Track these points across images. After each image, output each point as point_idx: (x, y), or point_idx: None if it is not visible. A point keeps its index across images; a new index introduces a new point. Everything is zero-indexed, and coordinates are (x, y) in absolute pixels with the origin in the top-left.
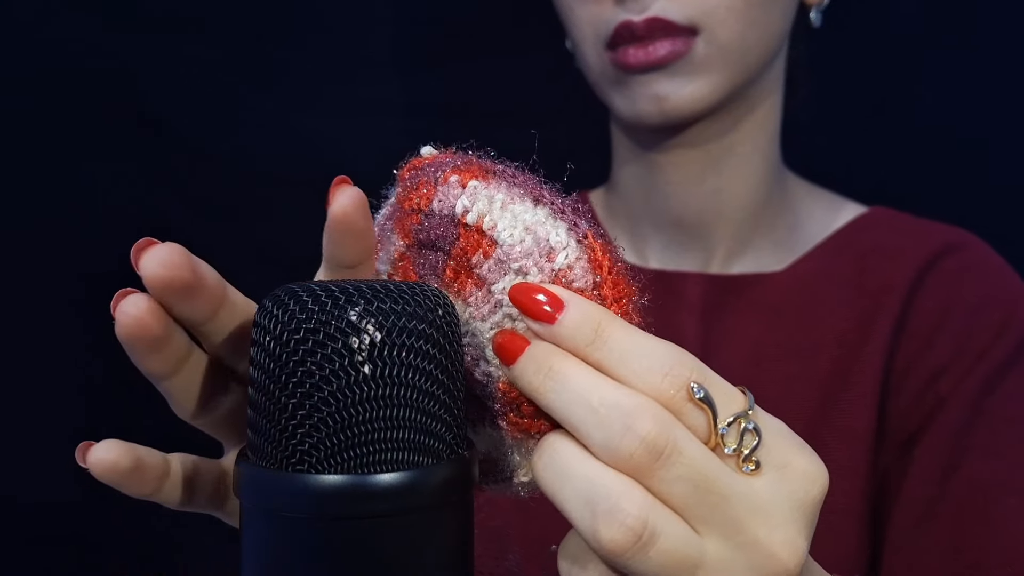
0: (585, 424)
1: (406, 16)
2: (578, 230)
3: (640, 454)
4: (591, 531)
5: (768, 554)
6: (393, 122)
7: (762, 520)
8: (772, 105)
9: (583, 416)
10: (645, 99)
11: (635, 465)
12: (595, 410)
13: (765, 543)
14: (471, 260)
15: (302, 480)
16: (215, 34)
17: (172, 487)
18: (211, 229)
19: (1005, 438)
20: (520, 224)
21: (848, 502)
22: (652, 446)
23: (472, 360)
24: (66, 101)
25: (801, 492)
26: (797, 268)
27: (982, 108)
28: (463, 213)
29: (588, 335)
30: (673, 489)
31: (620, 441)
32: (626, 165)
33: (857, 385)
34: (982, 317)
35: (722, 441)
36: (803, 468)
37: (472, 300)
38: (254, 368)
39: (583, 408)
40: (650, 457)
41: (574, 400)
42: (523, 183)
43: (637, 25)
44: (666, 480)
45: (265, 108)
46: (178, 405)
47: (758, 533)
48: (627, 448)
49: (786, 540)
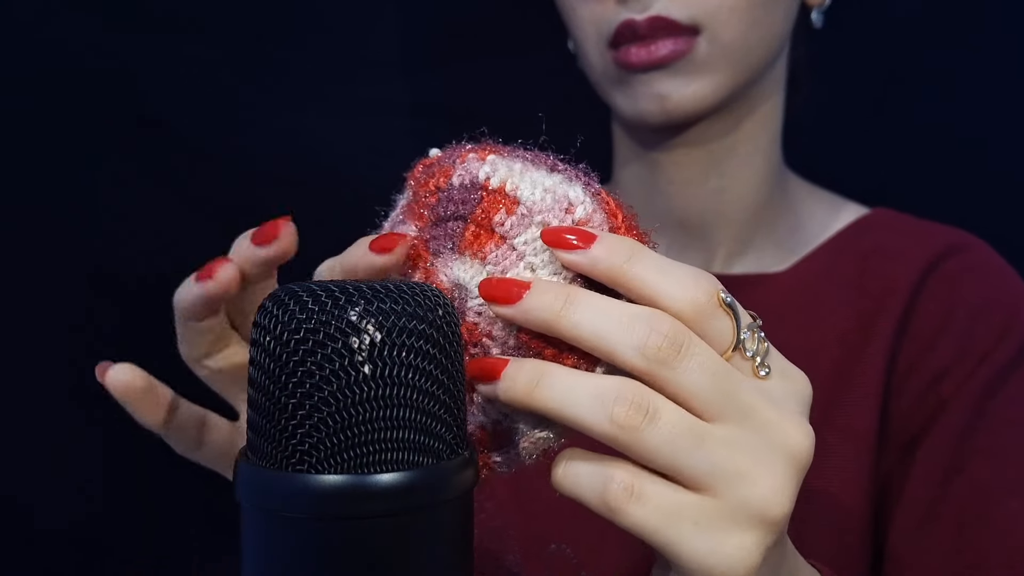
0: (612, 333)
1: (407, 16)
2: (592, 187)
3: (666, 347)
4: (606, 418)
5: (783, 432)
6: (394, 122)
7: (775, 408)
8: (774, 105)
9: (609, 328)
10: (647, 98)
11: (662, 358)
12: (618, 320)
13: (778, 425)
14: (493, 219)
15: (302, 480)
16: (215, 34)
17: (181, 426)
18: (211, 229)
19: (1007, 440)
20: (540, 186)
21: (850, 502)
22: (674, 340)
23: (488, 320)
24: (66, 101)
25: (803, 393)
26: (799, 269)
27: (983, 109)
28: (486, 179)
29: (624, 256)
30: (692, 378)
31: (647, 340)
32: (627, 165)
33: (859, 386)
34: (984, 319)
35: (743, 345)
36: (799, 374)
37: (492, 257)
38: (254, 368)
39: (607, 321)
40: (673, 349)
41: (597, 316)
42: (535, 157)
43: (639, 24)
44: (688, 369)
45: (265, 108)
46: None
47: (770, 416)
48: (653, 344)
49: (799, 426)
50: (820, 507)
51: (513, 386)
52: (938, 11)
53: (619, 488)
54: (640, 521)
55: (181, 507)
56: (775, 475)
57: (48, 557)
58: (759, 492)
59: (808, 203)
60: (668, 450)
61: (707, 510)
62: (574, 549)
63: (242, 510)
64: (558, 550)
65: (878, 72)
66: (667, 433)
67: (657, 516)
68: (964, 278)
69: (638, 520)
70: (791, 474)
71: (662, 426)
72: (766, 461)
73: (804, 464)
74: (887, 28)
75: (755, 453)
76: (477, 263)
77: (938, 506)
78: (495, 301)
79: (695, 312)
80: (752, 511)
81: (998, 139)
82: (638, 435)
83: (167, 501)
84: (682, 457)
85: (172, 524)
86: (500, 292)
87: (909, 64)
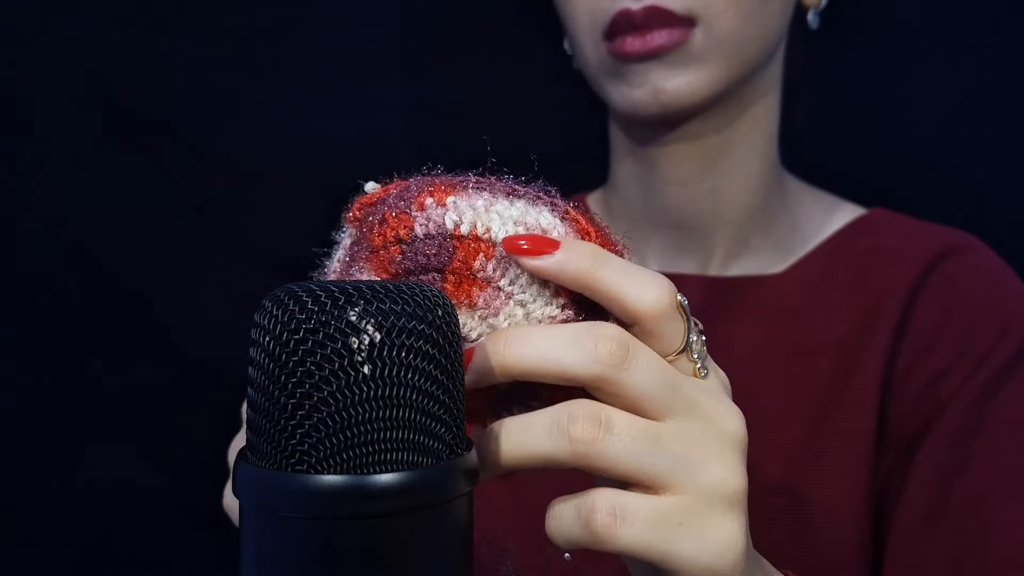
0: (561, 353)
1: (407, 16)
2: (559, 208)
3: (614, 350)
4: (565, 442)
5: (721, 419)
6: (394, 122)
7: (713, 400)
8: (769, 105)
9: (556, 349)
10: (642, 89)
11: (612, 362)
12: (563, 340)
13: (716, 413)
14: (473, 267)
15: (301, 480)
16: (215, 34)
17: None
18: (211, 229)
19: (1006, 444)
20: (509, 220)
21: (848, 505)
22: (622, 343)
23: None
24: (66, 101)
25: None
26: (796, 270)
27: (983, 109)
28: (455, 227)
29: (590, 259)
30: (644, 376)
31: (596, 349)
32: (624, 164)
33: (858, 388)
34: (983, 321)
35: (691, 347)
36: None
37: (481, 302)
38: (253, 368)
39: (553, 344)
40: (621, 351)
41: (542, 342)
42: (490, 186)
43: (635, 13)
44: (637, 369)
45: (265, 108)
46: None
47: (709, 407)
48: (603, 350)
49: (732, 411)
50: (818, 508)
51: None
52: (940, 11)
53: (603, 515)
54: (633, 541)
55: (181, 507)
56: (724, 457)
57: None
58: (716, 475)
59: (805, 204)
60: (629, 454)
61: (685, 508)
62: (572, 553)
63: (242, 510)
64: (556, 553)
65: (876, 73)
66: (624, 438)
67: (647, 531)
68: (963, 279)
69: (631, 540)
70: (737, 453)
71: (618, 432)
72: (715, 447)
73: (744, 443)
74: (885, 29)
75: (704, 442)
76: (466, 310)
77: (937, 508)
78: None
79: (658, 313)
80: (718, 495)
81: (997, 139)
82: (599, 446)
83: (167, 501)
84: (644, 458)
85: (172, 524)
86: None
87: (908, 64)
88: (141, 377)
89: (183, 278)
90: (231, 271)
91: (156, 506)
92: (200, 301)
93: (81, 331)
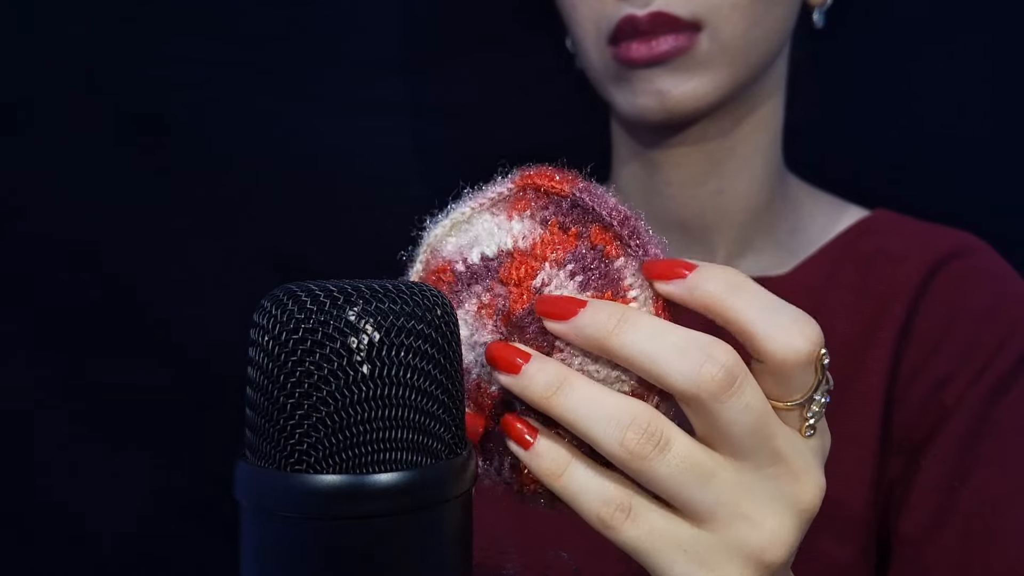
0: (665, 356)
1: (407, 16)
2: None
3: (720, 377)
4: (617, 441)
5: (799, 485)
6: (394, 122)
7: (803, 463)
8: (774, 106)
9: (661, 351)
10: (647, 95)
11: (711, 389)
12: (673, 343)
13: (797, 477)
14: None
15: (300, 480)
16: (216, 34)
17: None
18: (211, 229)
19: (1012, 448)
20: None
21: (853, 509)
22: (730, 371)
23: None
24: (66, 101)
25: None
26: (800, 272)
27: (983, 109)
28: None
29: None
30: (736, 416)
31: (701, 368)
32: (626, 166)
33: (862, 391)
34: (988, 324)
35: (809, 406)
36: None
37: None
38: (252, 368)
39: (660, 344)
40: (727, 381)
41: (650, 337)
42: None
43: (640, 19)
44: (734, 407)
45: (265, 108)
46: None
47: (793, 468)
48: (708, 372)
49: (815, 479)
50: (822, 514)
51: (531, 385)
52: (941, 12)
53: (616, 506)
54: (632, 540)
55: (181, 507)
56: (779, 523)
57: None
58: (758, 536)
59: (808, 205)
60: (672, 483)
61: (700, 541)
62: (573, 556)
63: (241, 510)
64: (557, 557)
65: (878, 72)
66: (674, 467)
67: (650, 539)
68: (967, 282)
69: (630, 539)
70: (795, 524)
71: (670, 459)
72: (773, 509)
73: (811, 516)
74: (889, 28)
75: (764, 499)
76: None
77: (943, 515)
78: (549, 317)
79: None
80: (747, 552)
81: (999, 140)
82: (646, 464)
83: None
84: (685, 492)
85: (172, 523)
86: (555, 308)
87: (909, 64)
88: (141, 377)
89: (183, 278)
90: (231, 271)
91: (156, 506)
92: (200, 301)
93: (81, 331)
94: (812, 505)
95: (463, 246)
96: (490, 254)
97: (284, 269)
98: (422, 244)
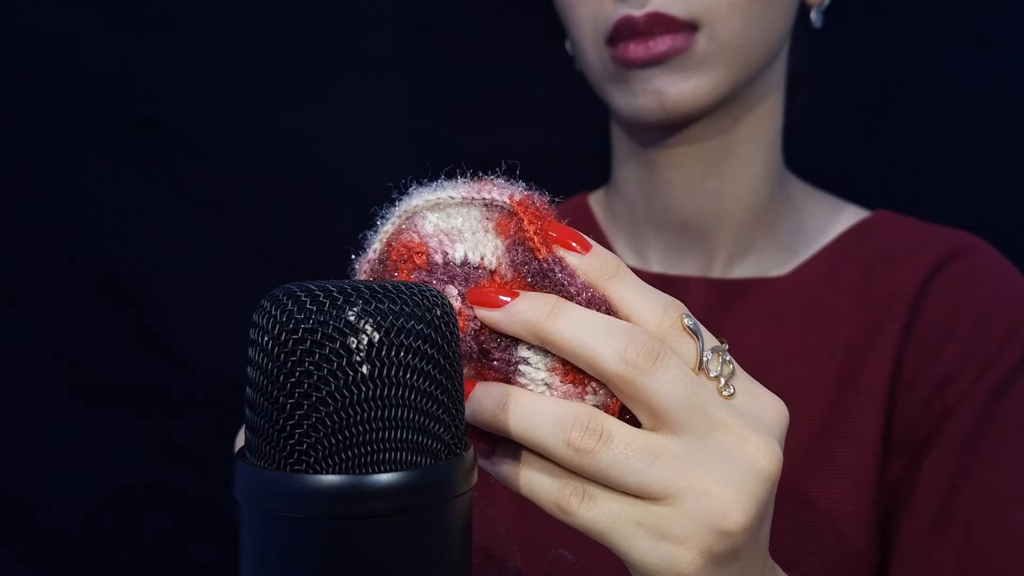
0: (594, 341)
1: (407, 16)
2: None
3: (643, 355)
4: (563, 442)
5: (746, 448)
6: (394, 122)
7: (740, 423)
8: (773, 105)
9: (591, 335)
10: (645, 95)
11: (640, 364)
12: (600, 328)
13: (742, 440)
14: None
15: (300, 480)
16: (216, 34)
17: None
18: (211, 229)
19: (1014, 448)
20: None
21: (855, 509)
22: (651, 350)
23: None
24: (66, 101)
25: (770, 415)
26: (801, 272)
27: (983, 109)
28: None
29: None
30: (667, 386)
31: (627, 346)
32: (626, 166)
33: (864, 392)
34: (990, 324)
35: (707, 366)
36: (769, 399)
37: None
38: (252, 368)
39: (589, 329)
40: (652, 354)
41: (580, 324)
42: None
43: (638, 20)
44: (663, 378)
45: (265, 108)
46: None
47: (736, 431)
48: (633, 349)
49: (764, 443)
50: (825, 514)
51: (479, 408)
52: (938, 11)
53: (571, 491)
54: (590, 522)
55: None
56: (733, 489)
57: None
58: (715, 503)
59: (809, 205)
60: (620, 470)
61: (658, 517)
62: (575, 555)
63: (241, 510)
64: (559, 556)
65: (878, 73)
66: (620, 454)
67: (608, 519)
68: (969, 282)
69: (588, 521)
70: (752, 489)
71: (615, 447)
72: (725, 475)
73: (769, 481)
74: (889, 28)
75: (713, 466)
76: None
77: (946, 515)
78: (482, 306)
79: (660, 333)
80: (704, 521)
81: (1000, 140)
82: (593, 457)
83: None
84: (634, 476)
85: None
86: (488, 299)
87: (909, 64)
88: (140, 377)
89: (183, 278)
90: (231, 271)
91: (156, 506)
92: (200, 301)
93: (81, 331)
94: (766, 468)
95: (444, 232)
96: (473, 261)
97: (284, 269)
98: (399, 205)
